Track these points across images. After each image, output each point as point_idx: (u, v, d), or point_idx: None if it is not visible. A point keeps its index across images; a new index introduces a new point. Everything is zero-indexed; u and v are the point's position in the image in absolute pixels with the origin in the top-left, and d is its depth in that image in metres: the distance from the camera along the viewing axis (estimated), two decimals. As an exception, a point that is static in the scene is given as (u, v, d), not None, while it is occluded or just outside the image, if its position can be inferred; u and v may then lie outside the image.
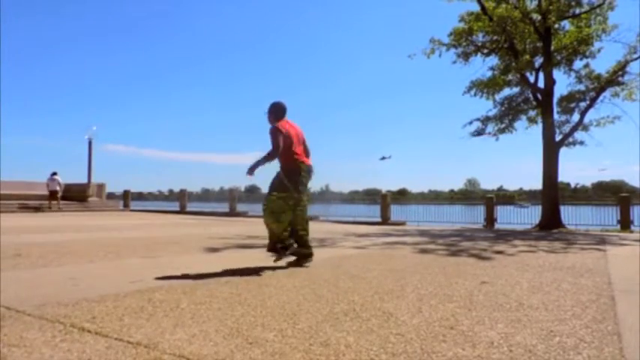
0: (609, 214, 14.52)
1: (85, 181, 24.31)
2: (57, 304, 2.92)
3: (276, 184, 4.75)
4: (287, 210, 4.70)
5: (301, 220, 4.87)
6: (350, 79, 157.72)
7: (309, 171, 4.91)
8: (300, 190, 4.77)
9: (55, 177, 21.09)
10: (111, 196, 26.35)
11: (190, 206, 22.99)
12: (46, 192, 21.23)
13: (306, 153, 5.02)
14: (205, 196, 30.13)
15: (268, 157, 4.72)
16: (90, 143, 24.78)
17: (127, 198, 25.26)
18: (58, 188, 21.08)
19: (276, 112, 4.96)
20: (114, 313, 2.75)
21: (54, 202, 20.92)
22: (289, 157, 4.76)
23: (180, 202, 23.03)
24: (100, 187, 25.02)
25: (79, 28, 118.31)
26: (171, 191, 35.83)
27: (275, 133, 4.70)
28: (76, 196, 23.00)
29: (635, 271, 4.93)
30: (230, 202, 21.14)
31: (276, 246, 4.78)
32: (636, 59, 14.28)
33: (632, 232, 13.07)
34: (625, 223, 13.85)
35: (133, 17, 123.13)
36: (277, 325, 2.53)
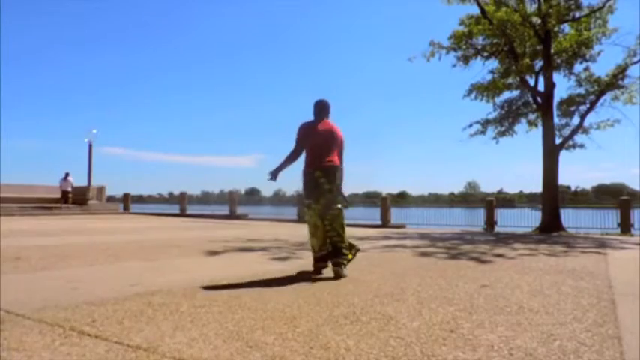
0: (609, 218, 14.50)
1: (85, 184, 24.32)
2: (57, 308, 2.92)
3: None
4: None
5: (341, 224, 4.50)
6: (350, 81, 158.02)
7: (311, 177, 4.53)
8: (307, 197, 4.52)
9: (69, 178, 22.40)
10: (111, 199, 26.42)
11: (190, 209, 23.03)
12: (47, 195, 21.68)
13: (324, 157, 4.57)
14: (205, 198, 30.12)
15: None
16: (90, 146, 24.85)
17: (127, 201, 25.30)
18: (70, 189, 22.29)
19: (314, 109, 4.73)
20: (114, 316, 2.75)
21: (64, 202, 21.96)
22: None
23: (181, 205, 23.06)
24: (100, 190, 25.05)
25: (78, 30, 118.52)
26: (171, 194, 35.93)
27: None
28: (76, 199, 23.01)
29: (636, 275, 4.93)
30: (230, 204, 21.15)
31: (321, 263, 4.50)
32: (636, 63, 14.30)
33: (632, 235, 13.05)
34: (625, 227, 13.84)
35: (132, 19, 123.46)
36: (277, 329, 2.53)
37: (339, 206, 4.50)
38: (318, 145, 4.54)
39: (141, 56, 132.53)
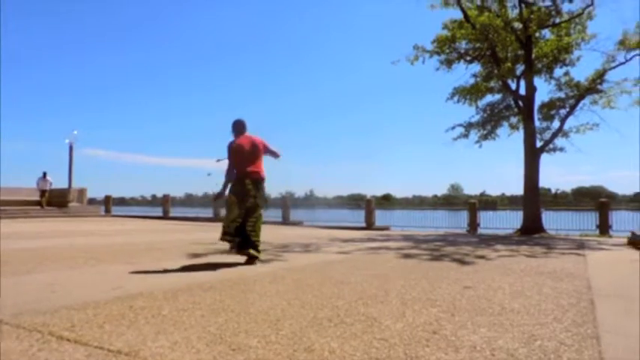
0: (588, 219, 14.79)
1: (65, 186, 23.91)
2: (35, 312, 2.86)
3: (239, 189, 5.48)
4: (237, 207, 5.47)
5: (259, 226, 5.56)
6: (334, 84, 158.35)
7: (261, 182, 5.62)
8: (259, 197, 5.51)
9: (47, 177, 22.30)
10: (92, 201, 26.00)
11: (174, 211, 22.78)
12: (27, 197, 21.37)
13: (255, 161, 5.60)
14: (189, 201, 29.89)
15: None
16: (71, 147, 24.43)
17: (108, 203, 24.90)
18: (47, 188, 22.16)
19: (233, 128, 5.72)
20: (94, 320, 2.70)
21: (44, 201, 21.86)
22: (259, 167, 5.58)
23: (164, 207, 22.80)
24: (81, 192, 24.64)
25: (61, 32, 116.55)
26: (154, 196, 35.55)
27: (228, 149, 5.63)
28: (56, 201, 22.59)
29: (614, 276, 5.03)
30: (214, 207, 20.97)
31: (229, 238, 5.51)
32: (615, 67, 14.64)
33: (610, 236, 13.32)
34: (604, 228, 14.12)
35: (114, 21, 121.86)
36: (261, 332, 2.52)
37: (261, 212, 5.64)
38: (244, 157, 5.53)
39: (123, 58, 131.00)
